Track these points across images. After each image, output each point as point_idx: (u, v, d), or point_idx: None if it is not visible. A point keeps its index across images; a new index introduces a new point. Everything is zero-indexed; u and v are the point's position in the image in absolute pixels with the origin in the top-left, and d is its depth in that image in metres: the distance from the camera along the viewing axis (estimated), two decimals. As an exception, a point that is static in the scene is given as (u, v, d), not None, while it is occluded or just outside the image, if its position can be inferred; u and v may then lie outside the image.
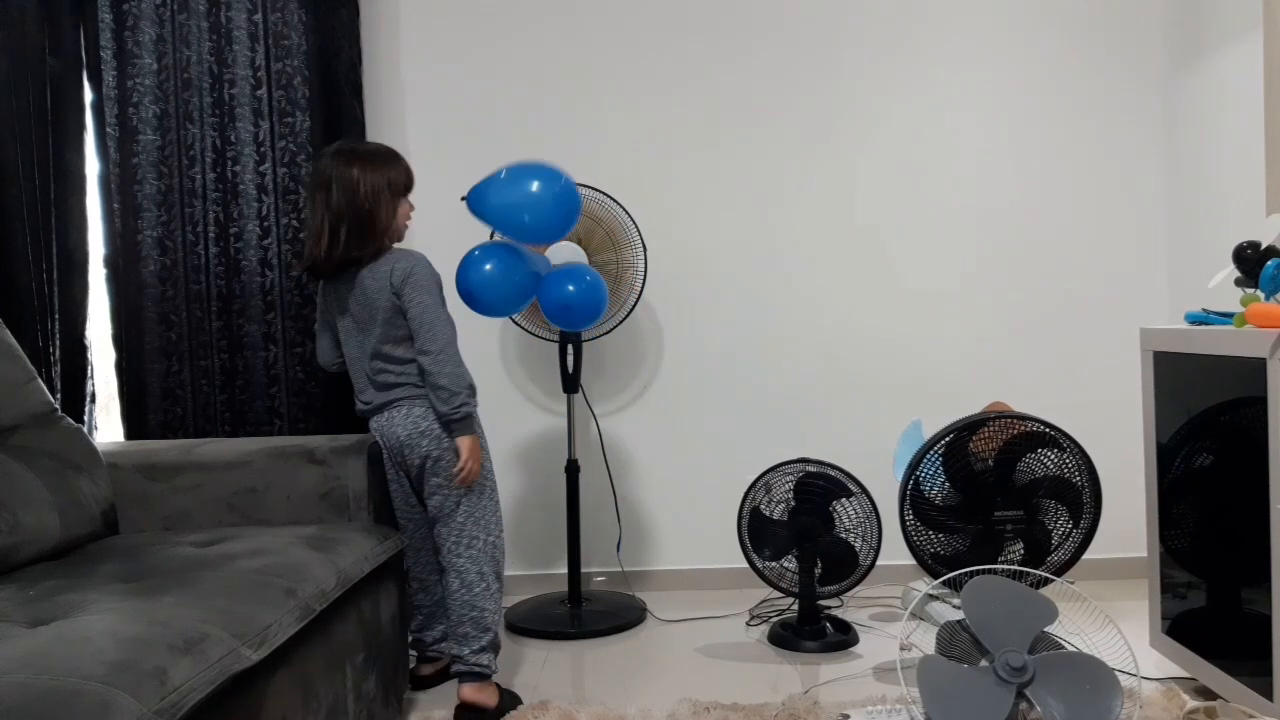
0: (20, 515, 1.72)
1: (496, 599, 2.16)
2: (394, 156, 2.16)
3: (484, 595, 2.13)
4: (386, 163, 2.13)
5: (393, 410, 2.14)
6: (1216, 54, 2.84)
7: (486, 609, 2.13)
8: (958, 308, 3.15)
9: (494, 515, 2.18)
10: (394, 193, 2.12)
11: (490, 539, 2.16)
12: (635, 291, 2.88)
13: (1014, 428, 2.32)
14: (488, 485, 2.18)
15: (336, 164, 2.09)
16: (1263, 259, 1.95)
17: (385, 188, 2.10)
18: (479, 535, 2.14)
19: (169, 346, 2.85)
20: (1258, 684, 1.87)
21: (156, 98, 2.82)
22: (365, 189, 2.07)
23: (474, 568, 2.13)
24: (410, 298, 2.06)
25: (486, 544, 2.15)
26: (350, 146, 2.17)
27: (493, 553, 2.16)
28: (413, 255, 2.12)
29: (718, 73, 3.11)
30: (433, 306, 2.07)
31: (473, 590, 2.13)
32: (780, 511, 2.61)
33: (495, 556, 2.17)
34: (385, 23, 3.08)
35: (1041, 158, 3.13)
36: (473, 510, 2.14)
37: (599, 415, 3.14)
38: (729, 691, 2.27)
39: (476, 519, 2.15)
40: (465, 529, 2.14)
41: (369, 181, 2.08)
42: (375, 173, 2.09)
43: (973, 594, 1.88)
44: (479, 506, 2.15)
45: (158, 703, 1.15)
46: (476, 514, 2.15)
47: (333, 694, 1.74)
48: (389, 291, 2.08)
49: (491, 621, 2.14)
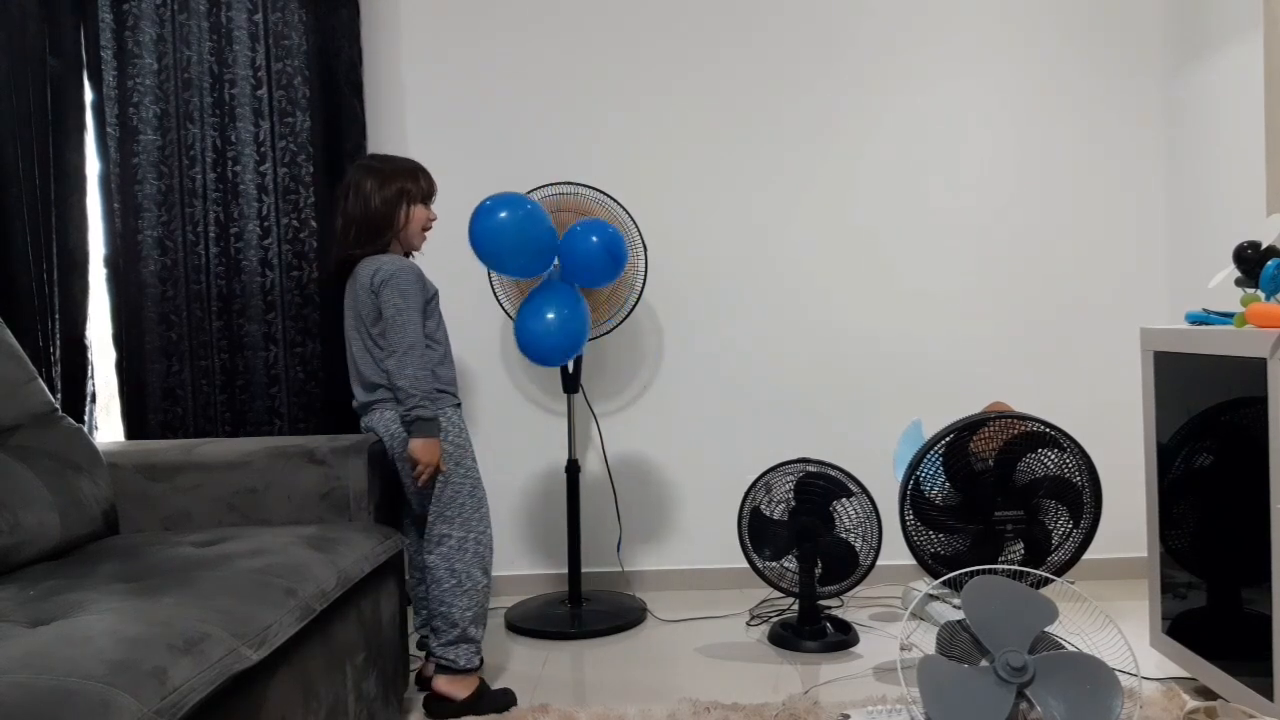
0: (21, 515, 1.72)
1: (471, 595, 2.18)
2: (415, 168, 2.26)
3: (452, 592, 2.17)
4: (405, 172, 2.24)
5: (373, 413, 2.21)
6: (1216, 54, 2.84)
7: (455, 605, 2.17)
8: (958, 308, 3.15)
9: (475, 513, 2.21)
10: (410, 199, 2.22)
11: (468, 536, 2.19)
12: (636, 291, 2.88)
13: (1014, 428, 2.32)
14: (465, 484, 2.21)
15: (358, 172, 2.24)
16: (1263, 259, 1.96)
17: (399, 193, 2.20)
18: (450, 533, 2.18)
19: (169, 346, 2.85)
20: (1258, 684, 1.87)
21: (157, 97, 2.82)
22: (379, 194, 2.20)
23: (443, 564, 2.18)
24: (385, 299, 2.12)
25: (462, 541, 2.19)
26: (373, 156, 2.31)
27: (475, 549, 2.19)
28: (401, 262, 2.17)
29: (718, 72, 3.11)
30: (403, 310, 2.11)
31: (441, 586, 2.18)
32: (780, 511, 2.61)
33: (478, 553, 2.20)
34: (386, 22, 3.08)
35: (1041, 158, 3.13)
36: (442, 510, 2.19)
37: (599, 415, 3.14)
38: (729, 691, 2.27)
39: (448, 518, 2.19)
40: (434, 527, 2.19)
41: (384, 187, 2.20)
42: (391, 180, 2.21)
43: (973, 594, 1.88)
44: (450, 505, 2.19)
45: (158, 702, 1.15)
46: (448, 513, 2.19)
47: (333, 694, 1.74)
48: (369, 291, 2.15)
49: (460, 618, 2.17)
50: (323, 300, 2.89)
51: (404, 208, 2.22)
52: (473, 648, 2.19)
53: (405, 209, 2.22)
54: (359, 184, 2.21)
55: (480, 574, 2.20)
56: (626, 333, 3.10)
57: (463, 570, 2.18)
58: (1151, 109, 3.12)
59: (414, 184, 2.23)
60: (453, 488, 2.18)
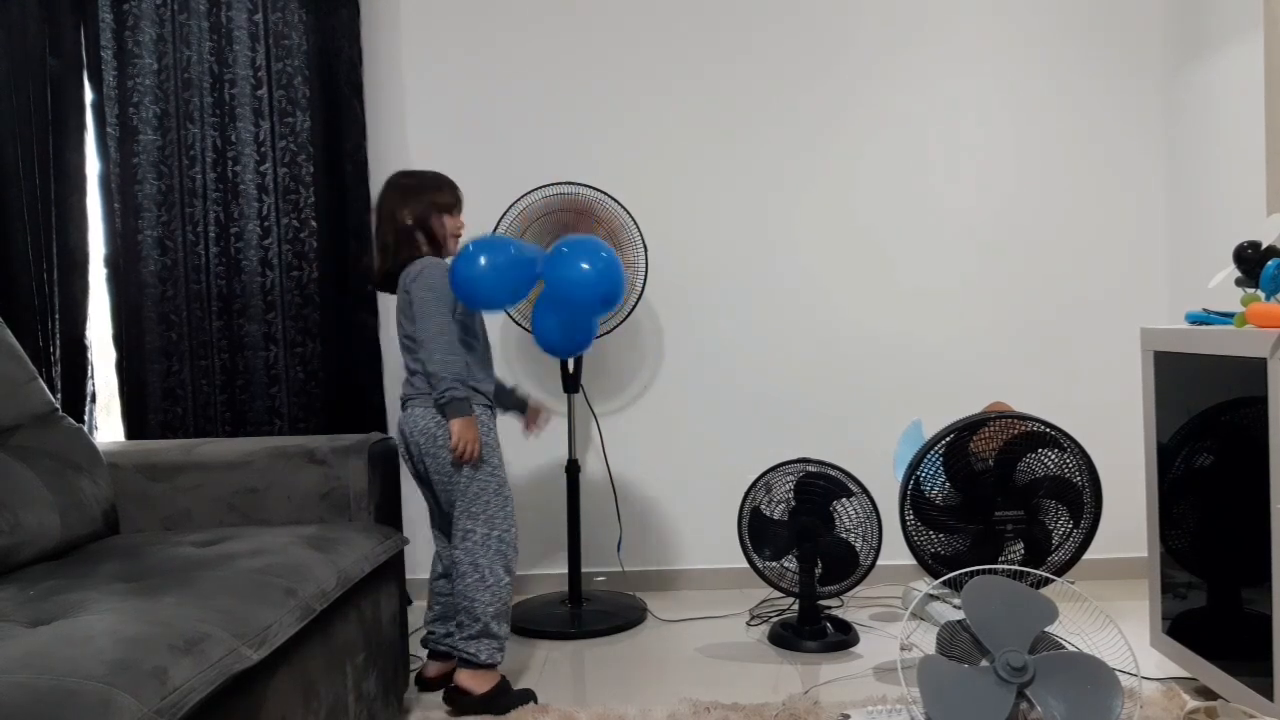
0: (21, 515, 1.72)
1: (494, 591, 2.20)
2: (441, 181, 2.34)
3: (476, 586, 2.20)
4: (432, 186, 2.32)
5: (409, 408, 2.27)
6: (1216, 54, 2.84)
7: (478, 600, 2.19)
8: (958, 308, 3.15)
9: (500, 511, 2.24)
10: (439, 210, 2.30)
11: (491, 533, 2.22)
12: (636, 291, 2.87)
13: (1014, 427, 2.32)
14: (491, 483, 2.24)
15: (388, 190, 2.33)
16: (1263, 259, 1.95)
17: (429, 206, 2.29)
18: (475, 529, 2.21)
19: (169, 346, 2.85)
20: (1258, 684, 1.87)
21: (157, 98, 2.82)
22: (410, 210, 2.28)
23: (467, 559, 2.21)
24: (414, 294, 2.21)
25: (485, 538, 2.21)
26: (402, 173, 2.38)
27: (499, 546, 2.22)
28: (432, 260, 2.25)
29: (718, 72, 3.11)
30: (428, 301, 2.19)
31: (465, 580, 2.20)
32: (781, 511, 2.61)
33: (501, 550, 2.23)
34: (386, 22, 3.08)
35: (1041, 158, 3.13)
36: (468, 506, 2.22)
37: (599, 415, 3.14)
38: (729, 691, 2.27)
39: (473, 514, 2.22)
40: (460, 523, 2.23)
41: (414, 203, 2.28)
42: (419, 195, 2.29)
43: (973, 594, 1.88)
44: (476, 502, 2.22)
45: (158, 702, 1.15)
46: (473, 509, 2.22)
47: (333, 694, 1.74)
48: (403, 289, 2.24)
49: (482, 612, 2.19)
50: (323, 300, 2.90)
51: (434, 219, 2.30)
52: (494, 643, 2.21)
53: (436, 220, 2.30)
54: (389, 202, 2.29)
55: (503, 571, 2.23)
56: (626, 333, 3.10)
57: (486, 566, 2.20)
58: (1152, 109, 3.12)
59: (440, 196, 2.31)
60: (478, 484, 2.22)
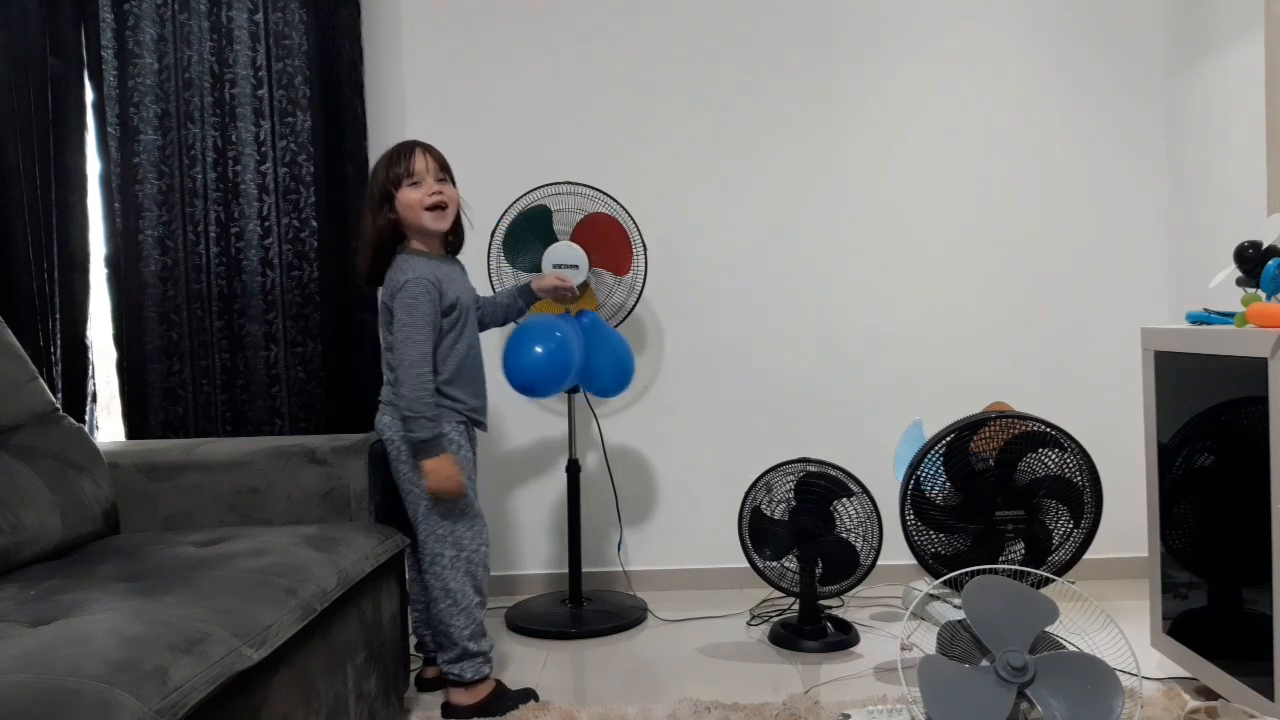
0: (22, 515, 1.72)
1: (468, 614, 2.15)
2: (388, 156, 2.16)
3: (449, 611, 2.13)
4: (381, 170, 2.16)
5: (380, 412, 2.20)
6: (1217, 54, 2.84)
7: (453, 625, 2.14)
8: (958, 307, 3.15)
9: (468, 531, 2.15)
10: (393, 186, 2.13)
11: (460, 554, 2.14)
12: (636, 291, 2.87)
13: (1015, 427, 2.32)
14: (459, 504, 2.14)
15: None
16: (1264, 258, 1.95)
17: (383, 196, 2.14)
18: (443, 552, 2.14)
19: (170, 346, 2.85)
20: (1259, 684, 1.87)
21: (157, 97, 2.82)
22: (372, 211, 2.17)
23: (438, 584, 2.14)
24: (395, 313, 2.08)
25: (454, 560, 2.14)
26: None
27: (467, 567, 2.14)
28: (415, 271, 2.09)
29: (718, 72, 3.11)
30: (407, 325, 2.05)
31: (438, 605, 2.15)
32: (781, 511, 2.61)
33: (470, 571, 2.15)
34: (386, 22, 3.08)
35: (1041, 157, 3.13)
36: (433, 528, 2.13)
37: (600, 415, 3.14)
38: (730, 691, 2.27)
39: (439, 536, 2.13)
40: (427, 545, 2.15)
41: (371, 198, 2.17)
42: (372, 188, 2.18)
43: (973, 594, 1.88)
44: (440, 524, 2.13)
45: (159, 702, 1.15)
46: (438, 531, 2.13)
47: (334, 694, 1.74)
48: (383, 299, 2.16)
49: (459, 636, 2.14)
50: (323, 300, 2.90)
51: (396, 199, 2.12)
52: (477, 660, 2.17)
53: (399, 199, 2.12)
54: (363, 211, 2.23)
55: (473, 591, 2.15)
56: (626, 333, 3.09)
57: (457, 590, 2.14)
58: (1152, 109, 3.12)
59: (388, 173, 2.12)
60: (445, 504, 2.12)
